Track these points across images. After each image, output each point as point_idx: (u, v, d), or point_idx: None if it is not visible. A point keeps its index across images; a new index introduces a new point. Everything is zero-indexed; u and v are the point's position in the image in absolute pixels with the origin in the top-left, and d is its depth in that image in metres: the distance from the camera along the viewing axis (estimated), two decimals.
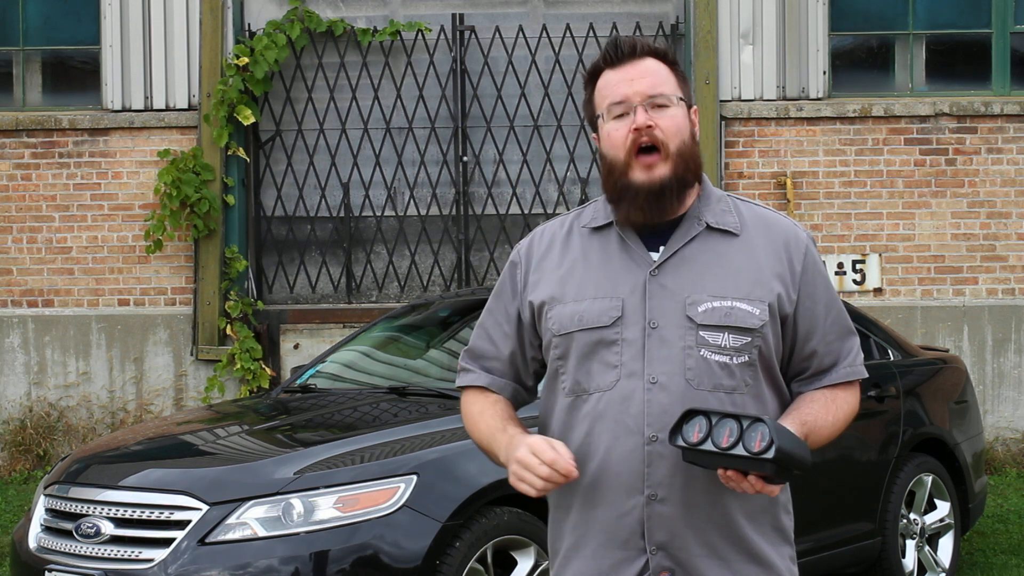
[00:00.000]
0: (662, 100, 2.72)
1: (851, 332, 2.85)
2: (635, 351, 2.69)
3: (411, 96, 9.96)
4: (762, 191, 9.71)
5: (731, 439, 2.54)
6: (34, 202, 9.94)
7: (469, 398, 2.93)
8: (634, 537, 2.69)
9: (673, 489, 2.66)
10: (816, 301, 2.78)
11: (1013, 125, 9.74)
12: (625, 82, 2.72)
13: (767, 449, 2.51)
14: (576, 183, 10.00)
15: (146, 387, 9.83)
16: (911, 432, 6.68)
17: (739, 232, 2.76)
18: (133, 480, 5.25)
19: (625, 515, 2.69)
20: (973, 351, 9.68)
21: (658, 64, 2.76)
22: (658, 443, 2.66)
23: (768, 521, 2.75)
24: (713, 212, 2.77)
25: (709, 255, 2.74)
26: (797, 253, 2.77)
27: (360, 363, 6.65)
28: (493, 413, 2.85)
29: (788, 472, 2.56)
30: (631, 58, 2.75)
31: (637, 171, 2.71)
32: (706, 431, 2.56)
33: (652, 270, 2.72)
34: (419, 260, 10.06)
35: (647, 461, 2.66)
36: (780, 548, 2.77)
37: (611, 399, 2.69)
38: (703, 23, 9.68)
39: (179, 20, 9.83)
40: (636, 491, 2.67)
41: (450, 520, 4.99)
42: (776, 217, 2.83)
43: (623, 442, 2.68)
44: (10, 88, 10.19)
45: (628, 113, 2.71)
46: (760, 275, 2.73)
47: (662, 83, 2.73)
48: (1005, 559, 7.37)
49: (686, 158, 2.72)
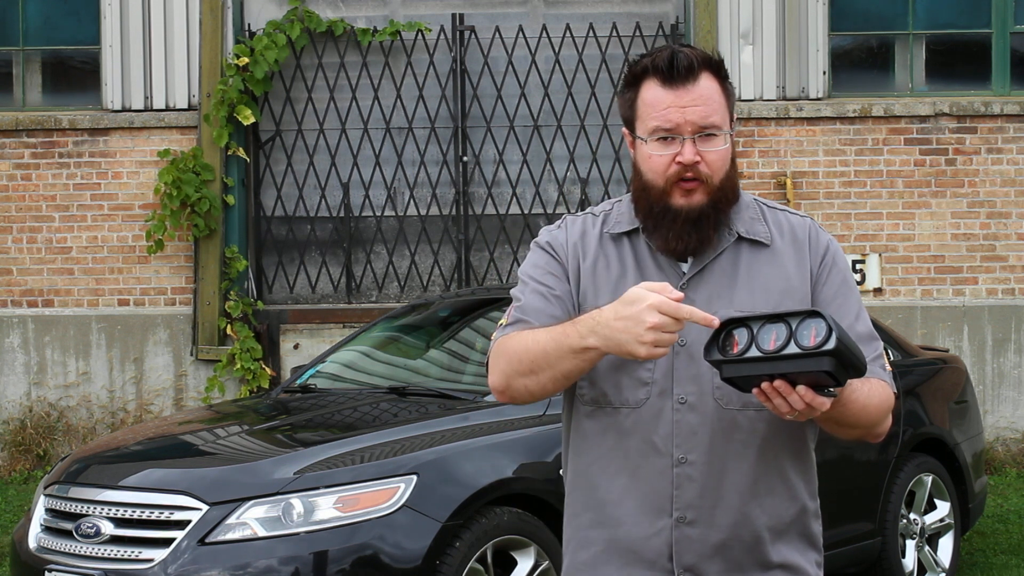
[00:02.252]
0: (712, 131, 2.58)
1: (874, 336, 2.72)
2: (665, 369, 2.60)
3: (411, 96, 9.96)
4: (762, 191, 9.70)
5: (779, 341, 2.31)
6: (34, 202, 9.94)
7: (513, 335, 2.63)
8: (661, 559, 2.63)
9: (702, 511, 2.60)
10: (838, 294, 2.68)
11: (1013, 125, 9.74)
12: (677, 108, 2.57)
13: (827, 339, 2.27)
14: (576, 183, 10.00)
15: (146, 387, 9.83)
16: (911, 432, 6.69)
17: (769, 243, 2.68)
18: (133, 480, 5.26)
19: (652, 536, 2.63)
20: (973, 351, 9.68)
21: (712, 82, 2.60)
22: (686, 465, 2.60)
23: (796, 530, 2.70)
24: (744, 221, 2.68)
25: (738, 267, 2.65)
26: (816, 254, 2.70)
27: (360, 363, 6.65)
28: (550, 329, 2.58)
29: (845, 372, 2.33)
30: (687, 80, 2.58)
31: (677, 196, 2.60)
32: (748, 339, 2.34)
33: (682, 284, 2.62)
34: (419, 260, 10.06)
35: (676, 483, 2.60)
36: (807, 554, 2.72)
37: (640, 417, 2.61)
38: (703, 23, 9.68)
39: (179, 20, 9.83)
40: (664, 513, 2.62)
41: (450, 520, 4.99)
42: (802, 221, 2.74)
43: (651, 462, 2.61)
44: (10, 88, 10.19)
45: (675, 139, 2.58)
46: (789, 286, 2.66)
47: (715, 111, 2.59)
48: (1005, 559, 7.37)
49: (727, 188, 2.62)
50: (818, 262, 2.69)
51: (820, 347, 2.27)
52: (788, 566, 2.68)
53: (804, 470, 2.71)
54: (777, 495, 2.65)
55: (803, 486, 2.70)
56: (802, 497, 2.70)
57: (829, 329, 2.28)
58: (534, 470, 5.24)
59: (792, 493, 2.68)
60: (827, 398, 2.38)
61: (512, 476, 5.20)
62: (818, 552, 2.76)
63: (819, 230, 2.74)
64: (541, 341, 2.54)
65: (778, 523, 2.66)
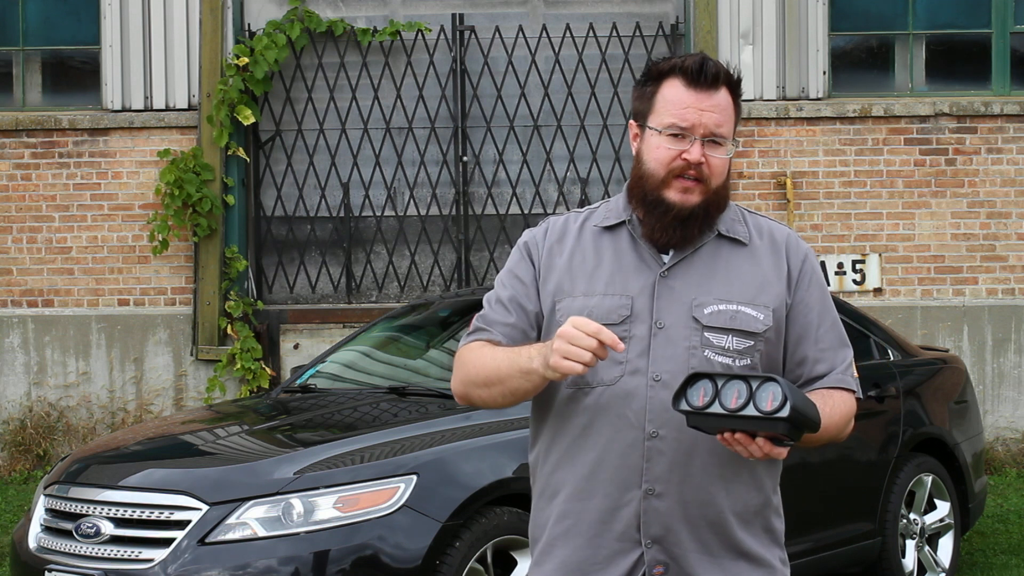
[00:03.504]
0: (720, 140, 2.75)
1: (845, 344, 2.88)
2: (641, 349, 2.73)
3: (411, 96, 9.96)
4: (762, 191, 9.71)
5: (740, 400, 2.51)
6: (34, 202, 9.94)
7: (475, 346, 2.83)
8: (630, 530, 2.73)
9: (670, 485, 2.71)
10: (810, 308, 2.83)
11: (1013, 125, 9.74)
12: (696, 110, 2.73)
13: (781, 407, 2.48)
14: (576, 183, 10.00)
15: (146, 387, 9.83)
16: (911, 432, 6.69)
17: (747, 242, 2.83)
18: (133, 480, 5.26)
19: (621, 508, 2.73)
20: (973, 351, 9.68)
21: (728, 97, 2.78)
22: (657, 439, 2.70)
23: (760, 523, 2.80)
24: (724, 221, 2.82)
25: (718, 261, 2.79)
26: (795, 260, 2.84)
27: (360, 363, 6.65)
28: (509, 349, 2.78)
29: (799, 432, 2.54)
30: (711, 86, 2.75)
31: (673, 190, 2.75)
32: (712, 394, 2.54)
33: (662, 272, 2.77)
34: (419, 260, 10.06)
35: (646, 456, 2.71)
36: (772, 550, 2.82)
37: (613, 394, 2.72)
38: (703, 23, 9.68)
39: (179, 20, 9.83)
40: (634, 485, 2.72)
41: (450, 520, 5.00)
42: (781, 228, 2.89)
43: (623, 436, 2.72)
44: (10, 88, 10.19)
45: (685, 137, 2.73)
46: (765, 282, 2.80)
47: (726, 122, 2.76)
48: (1005, 559, 7.37)
49: (720, 195, 2.78)
50: (797, 268, 2.84)
51: (775, 413, 2.49)
52: (755, 558, 2.78)
53: (770, 464, 2.81)
54: (742, 483, 2.75)
55: (767, 480, 2.81)
56: (766, 490, 2.81)
57: (784, 397, 2.49)
58: None
59: (758, 484, 2.79)
60: (784, 448, 2.58)
61: (512, 476, 5.20)
62: (781, 549, 2.85)
63: (798, 239, 2.89)
64: (498, 359, 2.74)
65: (743, 510, 2.76)
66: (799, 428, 2.52)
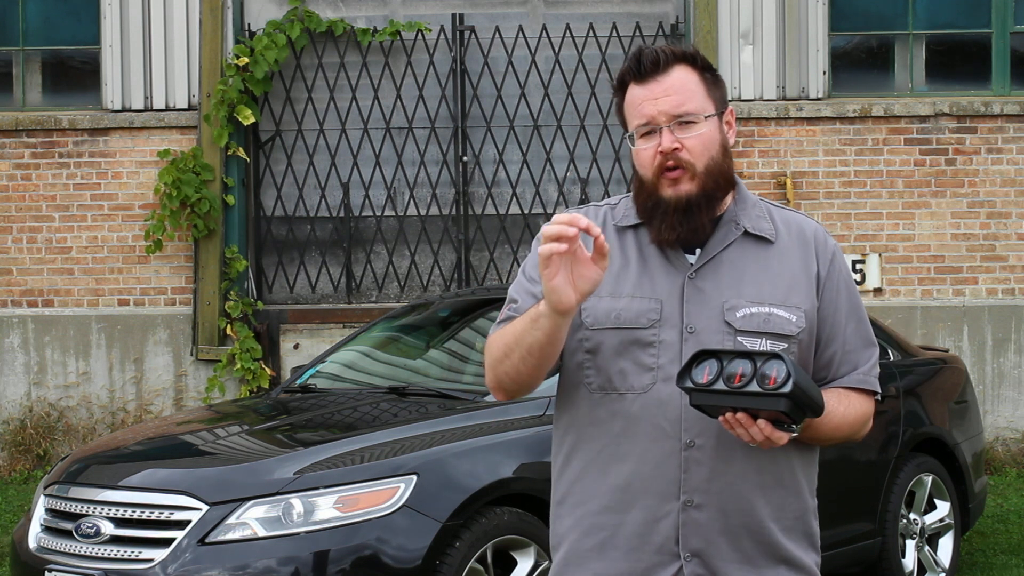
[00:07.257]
0: (689, 118, 2.65)
1: (871, 343, 2.79)
2: (672, 355, 2.65)
3: (411, 96, 9.96)
4: (762, 191, 9.70)
5: (744, 377, 2.46)
6: (34, 202, 9.94)
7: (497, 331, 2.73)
8: (668, 543, 2.65)
9: (710, 495, 2.63)
10: (838, 308, 2.74)
11: (1013, 125, 9.74)
12: (650, 101, 2.65)
13: (784, 383, 2.43)
14: (576, 183, 10.00)
15: (146, 387, 9.83)
16: (911, 432, 6.69)
17: (775, 239, 2.74)
18: (133, 480, 5.26)
19: (659, 520, 2.65)
20: (973, 351, 9.68)
21: (686, 73, 2.68)
22: (695, 448, 2.63)
23: (800, 528, 2.73)
24: (750, 217, 2.74)
25: (746, 260, 2.71)
26: (824, 258, 2.75)
27: (360, 363, 6.65)
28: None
29: (801, 413, 2.48)
30: (655, 73, 2.66)
31: (665, 187, 2.66)
32: (717, 371, 2.49)
33: (690, 274, 2.68)
34: (419, 260, 10.06)
35: (684, 467, 2.63)
36: (810, 554, 2.75)
37: (647, 402, 2.65)
38: (703, 23, 9.68)
39: (179, 20, 9.83)
40: (672, 496, 2.64)
41: (450, 520, 4.99)
42: (808, 223, 2.80)
43: (660, 446, 2.64)
44: (10, 88, 10.19)
45: (655, 131, 2.65)
46: (795, 281, 2.71)
47: (688, 99, 2.66)
48: (1005, 559, 7.37)
49: (715, 175, 2.67)
50: (827, 266, 2.75)
51: (777, 389, 2.44)
52: (795, 563, 2.71)
53: (808, 467, 2.75)
54: (783, 488, 2.69)
55: (806, 483, 2.74)
56: (805, 494, 2.74)
57: (788, 373, 2.43)
58: (534, 470, 5.23)
59: (797, 488, 2.72)
60: (786, 433, 2.51)
61: (512, 476, 5.20)
62: (818, 554, 2.78)
63: (826, 234, 2.80)
64: (513, 325, 2.65)
65: (783, 516, 2.69)
66: (801, 408, 2.46)
